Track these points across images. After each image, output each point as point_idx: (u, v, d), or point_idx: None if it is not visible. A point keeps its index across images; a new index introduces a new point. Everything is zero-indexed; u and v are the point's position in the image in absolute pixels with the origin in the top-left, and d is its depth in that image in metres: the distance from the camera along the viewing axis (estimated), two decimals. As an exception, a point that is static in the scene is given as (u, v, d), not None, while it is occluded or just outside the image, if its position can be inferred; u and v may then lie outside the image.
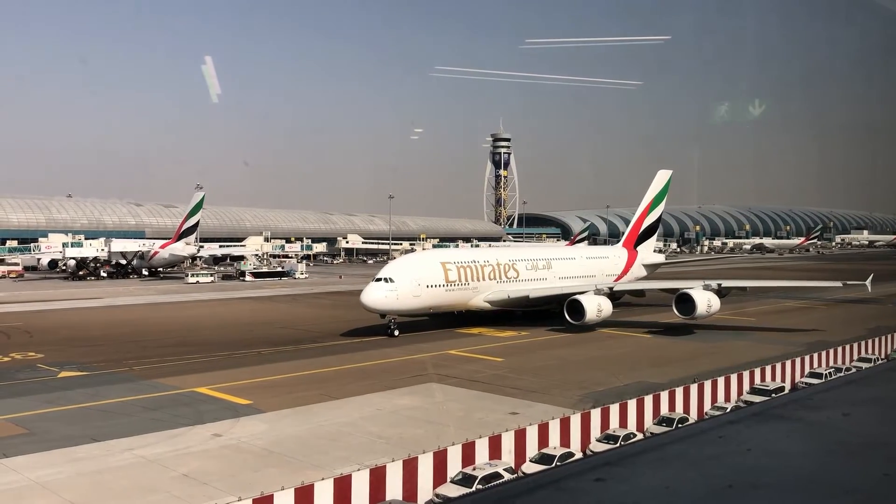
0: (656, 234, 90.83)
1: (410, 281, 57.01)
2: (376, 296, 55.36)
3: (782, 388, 38.22)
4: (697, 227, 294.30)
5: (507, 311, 66.79)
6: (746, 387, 37.93)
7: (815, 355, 44.18)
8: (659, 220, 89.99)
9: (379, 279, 56.39)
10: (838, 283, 66.67)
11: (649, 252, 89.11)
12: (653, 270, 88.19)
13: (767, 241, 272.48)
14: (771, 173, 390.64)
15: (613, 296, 64.22)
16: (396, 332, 56.67)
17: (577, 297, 60.24)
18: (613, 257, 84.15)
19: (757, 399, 34.59)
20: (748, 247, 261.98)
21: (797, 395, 11.41)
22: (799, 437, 6.48)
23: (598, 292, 61.80)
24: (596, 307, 59.40)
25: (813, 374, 41.57)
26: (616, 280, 77.85)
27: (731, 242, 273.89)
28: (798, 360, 42.49)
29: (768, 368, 40.11)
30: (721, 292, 62.17)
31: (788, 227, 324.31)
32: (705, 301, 58.79)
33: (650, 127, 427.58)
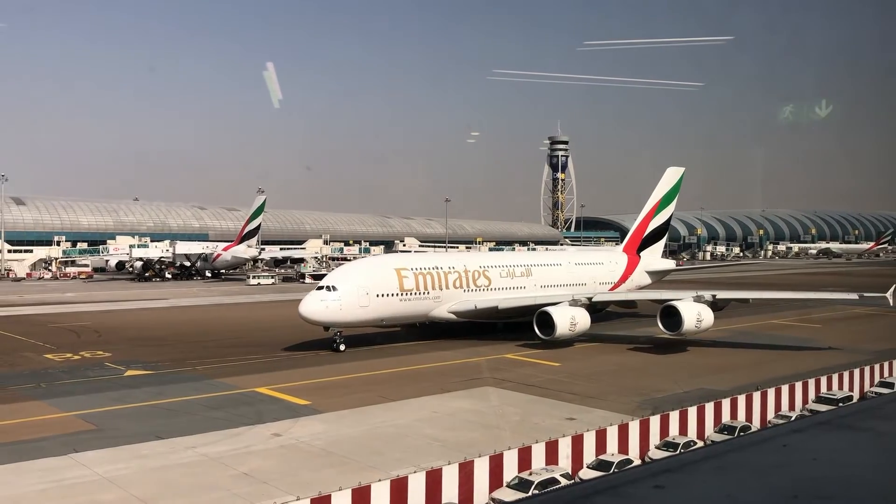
0: (664, 239, 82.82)
1: (357, 289, 51.61)
2: (316, 306, 50.20)
3: (850, 398, 37.03)
4: (761, 231, 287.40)
5: (488, 323, 60.93)
6: (812, 395, 36.83)
7: (886, 364, 42.69)
8: (668, 222, 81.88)
9: (321, 287, 51.69)
10: (854, 296, 58.37)
11: (656, 257, 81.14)
12: (659, 278, 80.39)
13: (834, 246, 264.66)
14: (839, 175, 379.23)
15: (594, 307, 58.20)
16: (342, 347, 51.46)
17: (548, 308, 53.79)
18: (609, 263, 75.94)
19: (823, 408, 33.57)
20: (814, 251, 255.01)
21: (866, 405, 11.03)
22: (868, 448, 6.26)
23: (574, 303, 55.50)
24: (569, 320, 53.13)
25: (883, 384, 40.15)
26: (612, 289, 71.77)
27: (795, 247, 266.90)
28: (867, 369, 41.08)
29: (835, 377, 38.82)
30: (717, 304, 55.77)
31: (857, 232, 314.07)
32: (694, 315, 52.33)
33: (712, 128, 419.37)
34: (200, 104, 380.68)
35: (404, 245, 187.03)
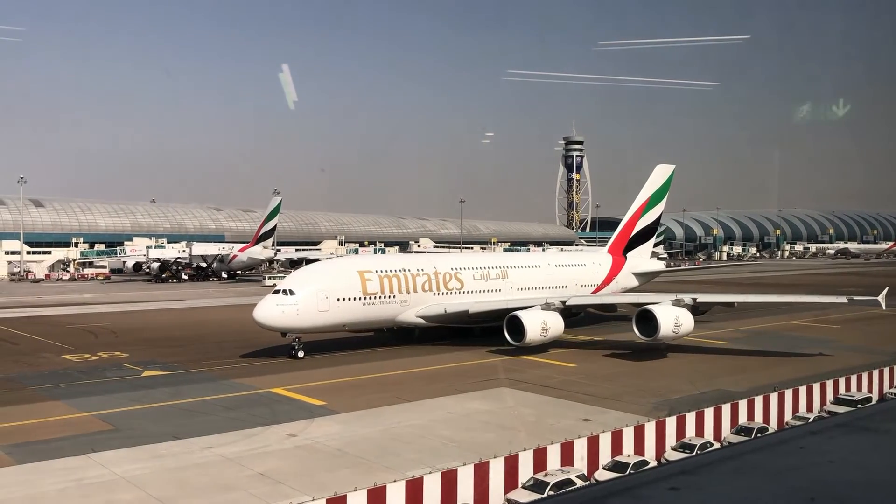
0: (654, 239, 79.98)
1: (316, 293, 49.17)
2: (271, 311, 47.97)
3: (869, 399, 36.69)
4: (778, 231, 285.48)
5: (464, 328, 58.24)
6: (830, 397, 36.54)
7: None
8: (657, 221, 78.96)
9: (278, 291, 49.43)
10: (843, 300, 55.31)
11: (644, 259, 77.93)
12: (648, 280, 77.49)
13: (852, 246, 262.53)
14: (856, 175, 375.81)
15: (569, 311, 55.97)
16: (301, 354, 49.39)
17: (518, 313, 51.34)
18: (592, 265, 73.11)
19: (842, 410, 33.30)
20: (832, 251, 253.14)
21: (886, 406, 10.93)
22: (887, 450, 6.22)
23: (546, 307, 53.06)
24: (540, 325, 50.70)
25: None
26: (596, 291, 69.44)
27: (813, 247, 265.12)
28: (887, 370, 40.67)
29: (854, 378, 38.50)
30: (698, 308, 53.51)
31: (875, 231, 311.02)
32: (671, 319, 49.60)
33: (728, 128, 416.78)
34: (216, 106, 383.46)
35: (419, 246, 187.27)
